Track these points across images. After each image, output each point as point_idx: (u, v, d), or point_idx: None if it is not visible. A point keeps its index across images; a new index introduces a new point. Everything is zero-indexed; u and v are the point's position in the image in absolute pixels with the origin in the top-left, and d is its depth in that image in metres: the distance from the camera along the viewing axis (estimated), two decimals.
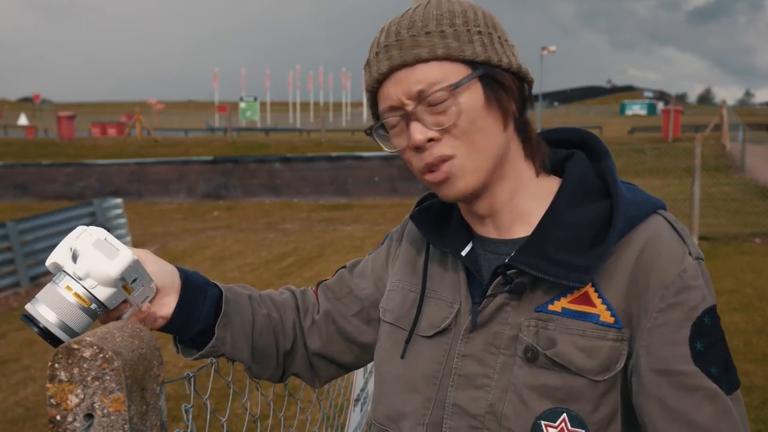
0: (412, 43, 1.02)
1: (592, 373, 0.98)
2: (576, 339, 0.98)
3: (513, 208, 1.09)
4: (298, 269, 10.42)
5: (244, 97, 49.10)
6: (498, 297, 1.04)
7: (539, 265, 1.00)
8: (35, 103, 72.42)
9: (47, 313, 0.96)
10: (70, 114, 32.97)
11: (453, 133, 1.02)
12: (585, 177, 1.08)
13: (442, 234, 1.14)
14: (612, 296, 0.99)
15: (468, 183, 1.04)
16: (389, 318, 1.19)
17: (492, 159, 1.04)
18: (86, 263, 0.97)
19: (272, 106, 61.41)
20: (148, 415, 0.92)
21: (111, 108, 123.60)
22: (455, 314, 1.09)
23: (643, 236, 1.00)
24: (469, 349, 1.06)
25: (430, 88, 1.01)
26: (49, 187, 21.31)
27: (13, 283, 10.53)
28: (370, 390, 1.99)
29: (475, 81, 1.02)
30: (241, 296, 1.20)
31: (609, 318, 0.98)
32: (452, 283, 1.12)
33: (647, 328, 0.97)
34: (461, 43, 1.02)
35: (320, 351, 1.27)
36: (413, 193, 19.96)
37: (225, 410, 1.25)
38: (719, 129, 28.05)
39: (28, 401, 5.89)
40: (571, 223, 1.03)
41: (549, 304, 1.01)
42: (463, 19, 1.04)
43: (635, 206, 1.03)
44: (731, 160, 21.65)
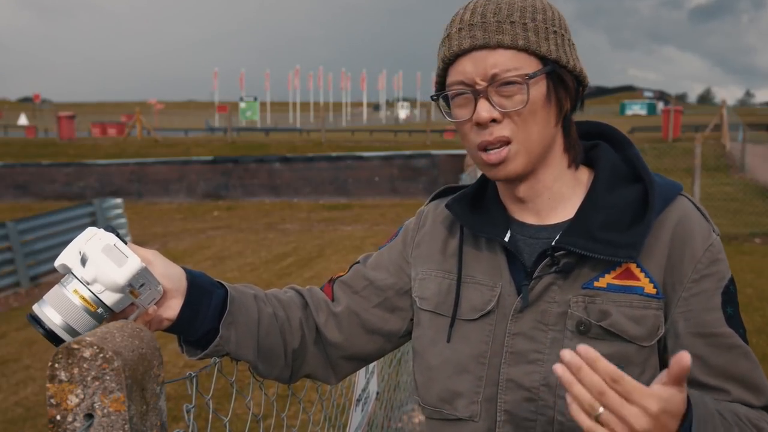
0: (497, 28, 1.09)
1: (640, 340, 1.08)
2: (625, 310, 1.08)
3: (552, 194, 1.18)
4: (298, 269, 10.41)
5: (244, 97, 49.15)
6: (545, 278, 1.12)
7: (587, 245, 1.09)
8: (35, 103, 72.40)
9: (53, 315, 0.97)
10: (70, 114, 32.95)
11: (514, 119, 1.10)
12: (615, 164, 1.18)
13: (481, 222, 1.21)
14: (653, 269, 1.10)
15: (518, 167, 1.12)
16: (427, 306, 1.24)
17: (541, 148, 1.13)
18: (94, 268, 0.97)
19: (272, 106, 61.40)
20: (148, 415, 0.92)
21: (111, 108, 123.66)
22: (498, 297, 1.16)
23: (674, 215, 1.12)
24: (519, 328, 1.13)
25: (504, 73, 1.08)
26: (49, 187, 21.30)
27: (13, 283, 10.53)
28: (371, 390, 1.99)
29: (543, 76, 1.10)
30: (247, 295, 1.21)
31: (652, 289, 1.09)
32: (491, 267, 1.19)
33: (683, 297, 1.09)
34: (539, 39, 1.10)
35: (341, 344, 1.29)
36: (413, 193, 19.96)
37: (225, 411, 1.25)
38: (719, 129, 28.03)
39: (28, 401, 5.88)
40: (611, 205, 1.13)
41: (594, 281, 1.11)
42: (543, 16, 1.12)
43: (664, 189, 1.14)
44: (731, 160, 21.64)
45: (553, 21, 1.12)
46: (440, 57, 1.15)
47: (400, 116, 71.20)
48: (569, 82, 1.14)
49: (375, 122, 66.64)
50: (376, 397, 2.18)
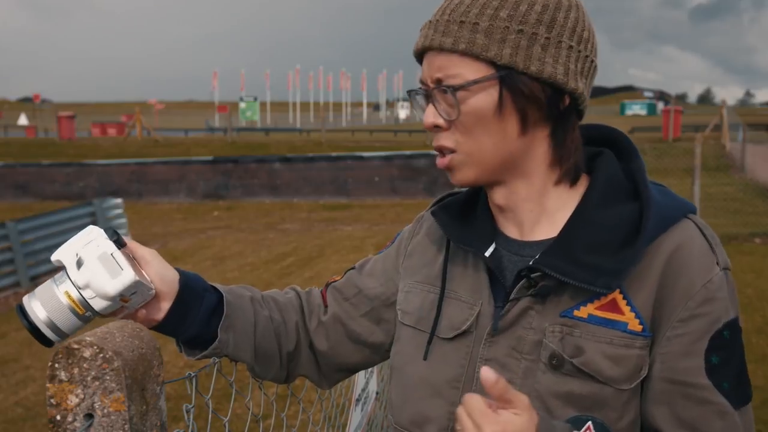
0: (444, 29, 1.00)
1: (618, 382, 0.97)
2: (604, 347, 0.97)
3: (536, 207, 1.06)
4: (298, 269, 10.41)
5: (244, 97, 49.16)
6: (522, 300, 1.02)
7: (565, 269, 0.97)
8: (35, 103, 72.29)
9: (39, 311, 0.98)
10: (70, 114, 32.95)
11: (458, 128, 1.01)
12: (614, 176, 1.05)
13: (465, 232, 1.11)
14: (640, 303, 0.97)
15: (465, 177, 1.04)
16: (409, 321, 1.16)
17: (498, 160, 1.02)
18: (88, 274, 0.98)
19: (272, 106, 61.40)
20: (148, 415, 0.92)
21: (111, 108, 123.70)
22: (476, 316, 1.06)
23: (672, 242, 0.98)
24: (492, 354, 1.04)
25: (446, 79, 1.00)
26: (49, 187, 21.29)
27: (13, 283, 10.52)
28: (371, 390, 1.99)
29: (493, 82, 0.99)
30: (243, 298, 1.20)
31: (637, 326, 0.97)
32: (473, 283, 1.09)
33: (666, 336, 0.96)
34: (490, 41, 0.98)
35: (327, 352, 1.25)
36: (413, 193, 19.95)
37: (224, 411, 1.25)
38: (719, 129, 28.04)
39: (28, 401, 5.88)
40: (599, 224, 1.00)
41: (575, 309, 0.99)
42: (510, 12, 0.99)
43: (665, 209, 1.00)
44: (731, 160, 21.64)
45: (524, 17, 0.98)
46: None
47: (400, 116, 71.18)
48: (533, 91, 0.99)
49: (375, 122, 66.65)
50: (376, 396, 2.18)
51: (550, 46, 0.99)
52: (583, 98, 1.03)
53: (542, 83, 0.99)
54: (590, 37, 1.03)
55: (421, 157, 20.78)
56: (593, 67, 1.05)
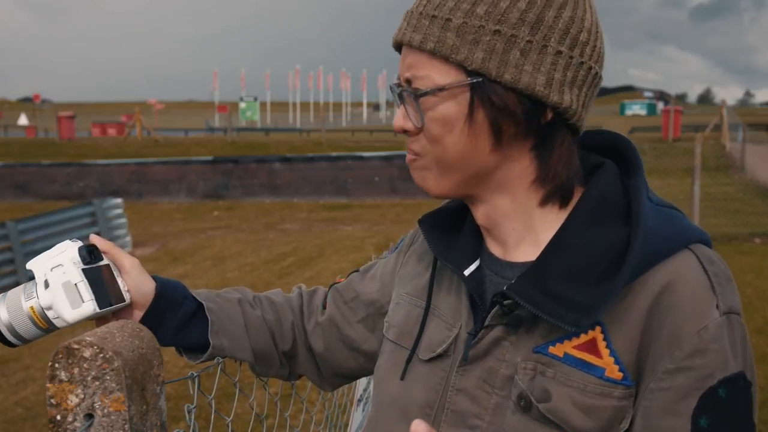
0: (416, 23, 0.89)
1: None
2: (574, 394, 0.85)
3: (518, 225, 0.95)
4: (298, 269, 10.41)
5: (244, 97, 49.12)
6: (496, 329, 0.91)
7: (536, 299, 0.85)
8: (35, 103, 72.31)
9: (3, 315, 1.02)
10: (70, 114, 32.95)
11: (426, 136, 0.91)
12: (608, 194, 0.91)
13: (451, 245, 1.00)
14: (621, 346, 0.84)
15: (433, 189, 0.95)
16: (391, 335, 1.08)
17: (465, 174, 0.92)
18: (52, 298, 1.01)
19: (272, 106, 61.39)
20: (148, 415, 0.92)
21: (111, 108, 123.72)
22: (453, 339, 0.96)
23: (664, 277, 0.84)
24: (463, 383, 0.93)
25: (414, 81, 0.89)
26: (49, 187, 21.30)
27: (13, 283, 10.53)
28: (372, 390, 1.99)
29: (463, 89, 0.87)
30: (230, 302, 1.19)
31: (616, 373, 0.84)
32: (455, 302, 0.99)
33: (650, 388, 0.83)
34: (461, 42, 0.85)
35: (324, 355, 1.23)
36: (413, 193, 19.94)
37: (224, 411, 1.25)
38: (719, 129, 28.05)
39: (28, 401, 5.88)
40: (580, 249, 0.87)
41: (550, 345, 0.87)
42: (488, 8, 0.85)
43: (662, 237, 0.86)
44: (731, 160, 21.64)
45: (503, 16, 0.85)
46: None
47: None
48: (505, 102, 0.86)
49: (375, 122, 66.62)
50: None
51: (532, 51, 0.85)
52: (571, 112, 0.88)
53: (518, 94, 0.86)
54: (589, 40, 0.88)
55: None
56: (591, 75, 0.90)
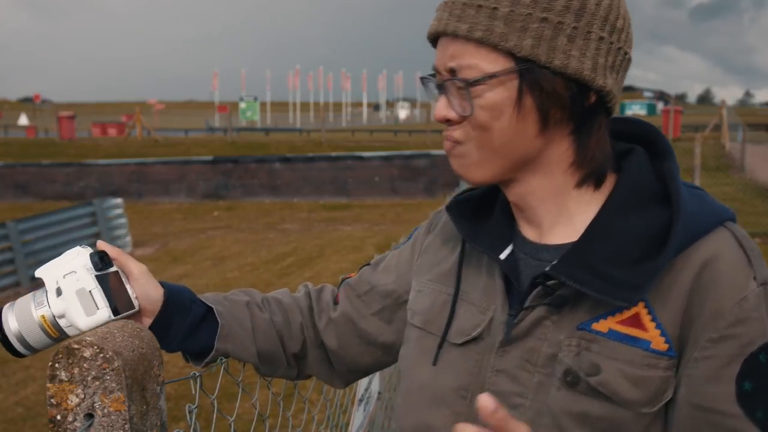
0: (460, 13, 0.90)
1: (638, 405, 0.88)
2: (623, 367, 0.88)
3: (553, 208, 0.97)
4: (298, 269, 10.41)
5: (244, 97, 49.16)
6: (537, 309, 0.93)
7: (583, 278, 0.88)
8: (35, 103, 72.33)
9: (13, 324, 1.00)
10: (71, 114, 32.96)
11: (471, 124, 0.93)
12: (643, 178, 0.95)
13: (481, 231, 1.02)
14: (666, 320, 0.88)
15: (475, 176, 0.96)
16: (417, 321, 1.08)
17: (510, 159, 0.94)
18: (65, 306, 0.99)
19: (272, 106, 61.43)
20: (148, 415, 0.92)
21: (111, 108, 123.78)
22: (488, 322, 0.98)
23: (704, 253, 0.88)
24: (503, 364, 0.95)
25: (460, 70, 0.91)
26: (49, 187, 21.30)
27: (13, 283, 10.53)
28: (373, 390, 1.99)
29: (512, 76, 0.89)
30: (238, 305, 1.19)
31: (662, 345, 0.88)
32: (487, 287, 1.01)
33: (694, 358, 0.87)
34: (510, 30, 0.88)
35: (338, 351, 1.22)
36: (413, 193, 19.95)
37: (225, 411, 1.25)
38: (719, 129, 28.06)
39: (28, 401, 5.89)
40: (622, 231, 0.91)
41: (594, 322, 0.90)
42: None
43: (698, 217, 0.90)
44: (731, 160, 21.65)
45: (549, 4, 0.88)
46: None
47: (400, 116, 71.25)
48: (553, 87, 0.89)
49: (375, 122, 66.69)
50: (378, 397, 2.17)
51: (578, 37, 0.89)
52: (611, 96, 0.93)
53: (566, 79, 0.90)
54: (624, 26, 0.93)
55: (421, 157, 20.79)
56: (626, 60, 0.95)
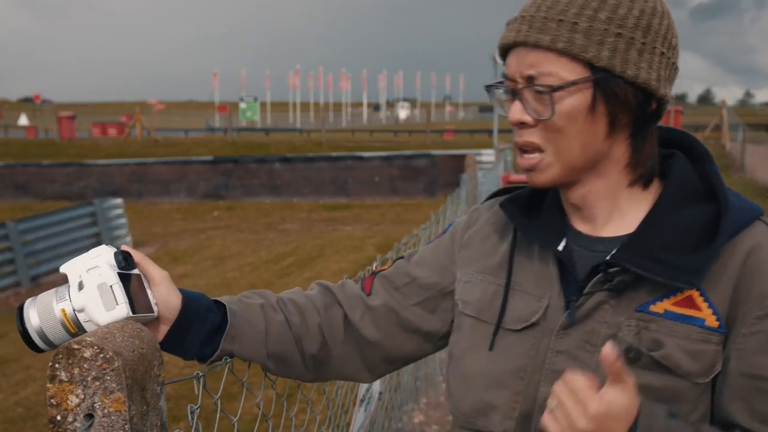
0: (541, 25, 1.00)
1: (695, 376, 1.00)
2: (682, 342, 0.99)
3: (609, 205, 1.08)
4: (298, 269, 10.41)
5: (244, 97, 49.15)
6: (596, 295, 1.04)
7: (645, 265, 1.00)
8: (35, 103, 72.27)
9: (34, 318, 1.02)
10: (71, 114, 32.97)
11: (548, 127, 1.02)
12: (688, 179, 1.07)
13: (535, 227, 1.12)
14: (717, 301, 1.00)
15: (548, 177, 1.05)
16: (470, 311, 1.17)
17: (581, 161, 1.04)
18: (85, 300, 1.00)
19: (272, 106, 61.43)
20: (148, 416, 0.92)
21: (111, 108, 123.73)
22: (545, 309, 1.08)
23: (747, 243, 1.01)
24: (563, 346, 1.05)
25: (539, 77, 1.00)
26: (49, 187, 21.31)
27: (13, 283, 10.53)
28: (374, 390, 1.99)
29: (588, 84, 1.00)
30: (252, 307, 1.20)
31: (714, 322, 0.99)
32: (541, 276, 1.11)
33: (742, 333, 0.99)
34: (589, 42, 0.99)
35: (378, 342, 1.24)
36: (413, 193, 19.96)
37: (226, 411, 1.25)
38: (719, 129, 28.08)
39: (29, 401, 5.89)
40: (676, 224, 1.03)
41: (651, 304, 1.01)
42: (609, 14, 0.99)
43: (740, 212, 1.03)
44: (731, 160, 21.65)
45: (623, 21, 0.99)
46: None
47: (400, 116, 71.27)
48: (625, 95, 1.00)
49: (375, 122, 66.70)
50: (379, 397, 2.17)
51: (645, 52, 1.00)
52: (667, 104, 1.05)
53: (636, 88, 1.01)
54: (677, 44, 1.06)
55: (421, 157, 20.80)
56: (675, 73, 1.07)
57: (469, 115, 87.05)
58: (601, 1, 1.00)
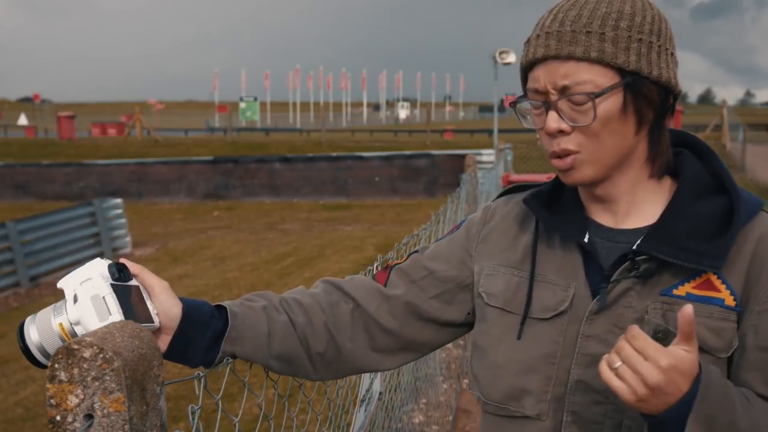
0: (571, 38, 1.08)
1: (718, 351, 1.08)
2: (705, 320, 1.08)
3: (630, 199, 1.16)
4: (298, 269, 10.42)
5: (244, 97, 49.10)
6: (623, 282, 1.11)
7: (671, 251, 1.08)
8: (35, 103, 72.26)
9: (34, 335, 1.04)
10: (70, 114, 32.98)
11: (584, 132, 1.09)
12: (700, 173, 1.17)
13: (558, 221, 1.20)
14: (733, 282, 1.09)
15: (587, 175, 1.12)
16: (496, 302, 1.23)
17: (615, 158, 1.12)
18: (80, 312, 1.02)
19: (272, 106, 61.42)
20: (148, 416, 0.92)
21: (111, 108, 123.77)
22: (572, 297, 1.15)
23: (758, 230, 1.11)
24: (593, 330, 1.13)
25: (575, 86, 1.07)
26: (49, 187, 21.30)
27: (13, 283, 10.53)
28: (375, 390, 1.99)
29: (619, 88, 1.07)
30: (254, 309, 1.20)
31: (732, 302, 1.09)
32: (565, 267, 1.18)
33: (756, 311, 1.08)
34: (617, 49, 1.07)
35: (395, 331, 1.28)
36: (413, 193, 19.96)
37: (225, 411, 1.24)
38: (719, 129, 28.09)
39: (28, 401, 5.89)
40: (696, 213, 1.12)
41: (674, 288, 1.10)
42: (629, 23, 1.08)
43: (749, 203, 1.13)
44: (731, 160, 21.66)
45: (641, 27, 1.09)
46: (520, 62, 1.17)
47: (400, 116, 71.25)
48: (651, 93, 1.10)
49: (375, 122, 66.69)
50: (379, 397, 2.17)
51: (662, 53, 1.11)
52: (678, 98, 1.16)
53: (659, 86, 1.10)
54: (675, 46, 1.16)
55: (421, 157, 20.80)
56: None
57: (469, 115, 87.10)
58: (619, 12, 1.09)
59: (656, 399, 0.95)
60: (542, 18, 1.14)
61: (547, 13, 1.13)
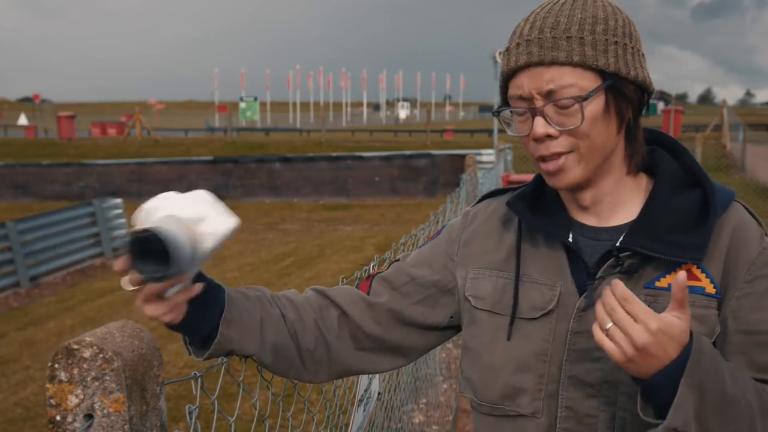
0: (552, 44, 1.10)
1: None
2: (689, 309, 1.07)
3: (612, 198, 1.20)
4: (298, 269, 10.42)
5: (244, 97, 49.09)
6: (608, 278, 1.14)
7: (653, 246, 1.11)
8: (35, 103, 72.24)
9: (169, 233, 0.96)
10: (70, 114, 32.97)
11: (572, 135, 1.12)
12: (674, 170, 1.20)
13: (542, 222, 1.22)
14: (712, 271, 1.13)
15: (575, 176, 1.14)
16: (483, 305, 1.25)
17: (601, 158, 1.15)
18: (205, 210, 1.08)
19: (272, 106, 61.42)
20: (148, 416, 0.92)
21: (111, 108, 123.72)
22: (558, 296, 1.18)
23: (732, 220, 1.15)
24: (582, 327, 1.15)
25: (560, 90, 1.10)
26: (49, 187, 21.29)
27: (13, 283, 10.53)
28: (373, 390, 1.99)
29: (601, 90, 1.11)
30: (248, 297, 1.21)
31: (712, 290, 1.13)
32: (550, 266, 1.21)
33: (735, 297, 1.12)
34: (597, 52, 1.10)
35: (380, 337, 1.30)
36: (413, 193, 19.95)
37: (224, 411, 1.25)
38: (720, 129, 28.06)
39: (28, 401, 5.89)
40: (674, 208, 1.15)
41: (656, 281, 1.13)
42: (604, 26, 1.12)
43: (722, 195, 1.16)
44: (732, 160, 21.66)
45: (615, 31, 1.12)
46: (501, 70, 1.18)
47: (400, 116, 71.24)
48: (630, 93, 1.14)
49: (375, 122, 66.67)
50: (378, 397, 2.17)
51: (635, 54, 1.14)
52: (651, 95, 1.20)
53: (636, 85, 1.14)
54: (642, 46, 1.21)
55: (421, 157, 20.79)
56: None
57: (469, 115, 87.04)
58: (594, 17, 1.12)
59: (644, 361, 0.98)
60: (518, 27, 1.15)
61: (523, 22, 1.15)
